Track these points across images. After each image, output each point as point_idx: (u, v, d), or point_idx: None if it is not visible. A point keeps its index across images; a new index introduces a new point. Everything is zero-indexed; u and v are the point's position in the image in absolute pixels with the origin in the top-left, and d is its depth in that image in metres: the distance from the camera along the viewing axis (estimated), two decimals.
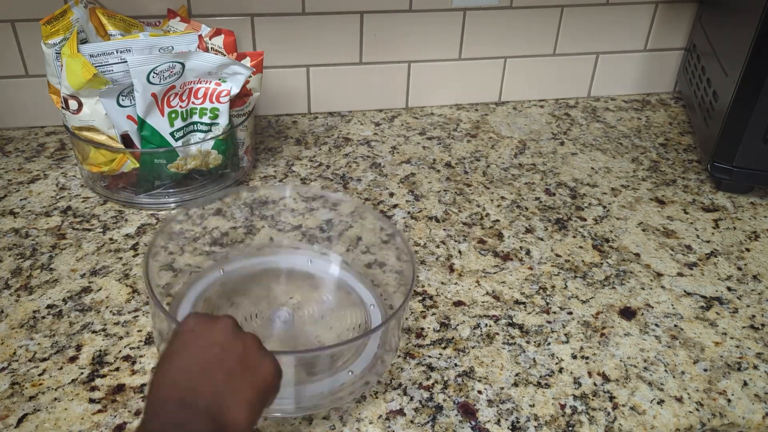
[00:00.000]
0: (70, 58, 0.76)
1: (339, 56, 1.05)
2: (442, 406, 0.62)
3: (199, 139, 0.84)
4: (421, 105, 1.12)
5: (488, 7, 1.05)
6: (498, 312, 0.72)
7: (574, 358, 0.67)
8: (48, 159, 0.95)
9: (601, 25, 1.10)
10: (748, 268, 0.80)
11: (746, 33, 0.85)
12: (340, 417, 0.60)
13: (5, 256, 0.78)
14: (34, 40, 0.94)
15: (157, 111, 0.80)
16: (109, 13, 0.86)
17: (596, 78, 1.16)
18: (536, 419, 0.61)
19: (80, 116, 0.80)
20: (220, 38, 0.85)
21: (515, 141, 1.04)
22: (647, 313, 0.73)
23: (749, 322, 0.73)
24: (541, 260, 0.80)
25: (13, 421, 0.59)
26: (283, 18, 0.99)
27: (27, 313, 0.70)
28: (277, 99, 1.07)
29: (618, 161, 1.00)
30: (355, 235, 0.76)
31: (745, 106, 0.86)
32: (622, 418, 0.62)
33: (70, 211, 0.85)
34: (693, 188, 0.94)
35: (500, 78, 1.12)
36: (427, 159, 0.99)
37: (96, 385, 0.63)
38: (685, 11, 1.11)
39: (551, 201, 0.91)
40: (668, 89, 1.20)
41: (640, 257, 0.81)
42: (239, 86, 0.82)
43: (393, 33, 1.04)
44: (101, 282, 0.74)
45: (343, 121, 1.08)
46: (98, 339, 0.67)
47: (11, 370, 0.64)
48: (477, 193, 0.92)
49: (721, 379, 0.66)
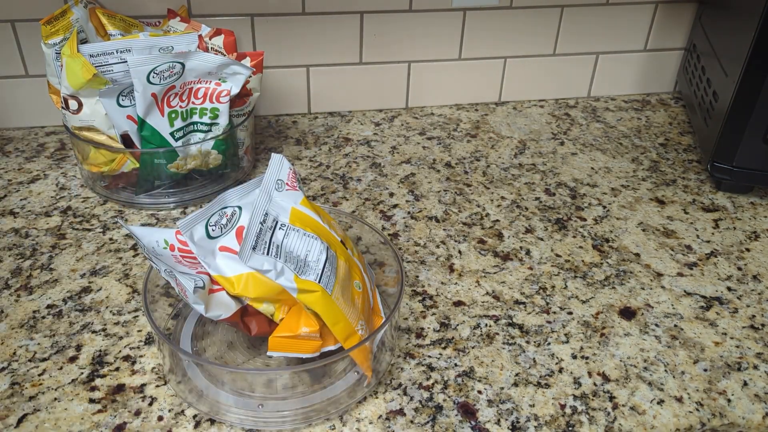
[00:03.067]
0: (70, 58, 0.76)
1: (339, 56, 1.05)
2: (442, 406, 0.62)
3: (199, 139, 0.84)
4: (421, 105, 1.12)
5: (488, 7, 1.05)
6: (498, 312, 0.72)
7: (574, 358, 0.67)
8: (48, 159, 0.95)
9: (601, 25, 1.10)
10: (748, 268, 0.80)
11: (746, 33, 0.85)
12: (340, 417, 0.60)
13: (5, 256, 0.78)
14: (34, 40, 0.94)
15: (157, 111, 0.80)
16: (109, 13, 0.86)
17: (596, 78, 1.16)
18: (536, 419, 0.61)
19: (80, 116, 0.80)
20: (220, 38, 0.85)
21: (515, 141, 1.04)
22: (647, 313, 0.73)
23: (749, 322, 0.73)
24: (541, 260, 0.80)
25: (13, 421, 0.59)
26: (283, 18, 0.99)
27: (27, 313, 0.70)
28: (277, 99, 1.07)
29: (618, 161, 1.00)
30: (354, 235, 0.76)
31: (745, 106, 0.86)
32: (622, 418, 0.62)
33: (70, 211, 0.85)
34: (693, 188, 0.94)
35: (500, 78, 1.12)
36: (427, 159, 0.99)
37: (96, 385, 0.63)
38: (685, 11, 1.11)
39: (551, 201, 0.91)
40: (668, 89, 1.20)
41: (640, 257, 0.81)
42: (239, 86, 0.82)
43: (393, 33, 1.04)
44: (101, 282, 0.74)
45: (343, 121, 1.08)
46: (98, 339, 0.68)
47: (11, 370, 0.64)
48: (477, 193, 0.92)
49: (721, 379, 0.66)
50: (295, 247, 0.57)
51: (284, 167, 0.62)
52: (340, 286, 0.58)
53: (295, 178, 0.63)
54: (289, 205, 0.61)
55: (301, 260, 0.57)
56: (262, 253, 0.56)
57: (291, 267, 0.56)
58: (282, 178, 0.61)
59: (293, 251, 0.57)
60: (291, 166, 0.64)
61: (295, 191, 0.62)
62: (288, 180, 0.62)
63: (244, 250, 0.55)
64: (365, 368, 0.60)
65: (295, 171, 0.63)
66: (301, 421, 0.59)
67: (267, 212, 0.59)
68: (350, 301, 0.58)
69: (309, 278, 0.56)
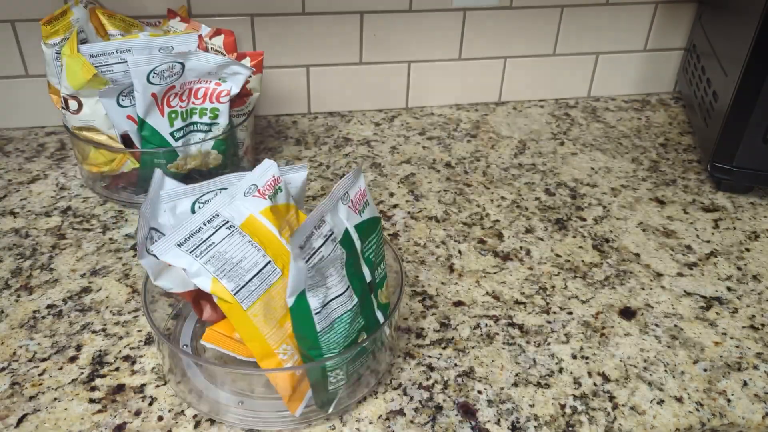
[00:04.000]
0: (70, 58, 0.76)
1: (339, 56, 1.05)
2: (442, 406, 0.62)
3: (199, 139, 0.84)
4: (421, 105, 1.13)
5: (488, 7, 1.05)
6: (498, 312, 0.72)
7: (574, 358, 0.67)
8: (48, 159, 0.95)
9: (601, 25, 1.10)
10: (748, 268, 0.80)
11: (746, 33, 0.85)
12: (340, 417, 0.60)
13: (5, 256, 0.78)
14: (34, 40, 0.94)
15: (157, 111, 0.80)
16: (109, 13, 0.86)
17: (596, 78, 1.16)
18: (536, 419, 0.61)
19: (80, 116, 0.80)
20: (220, 38, 0.85)
21: (515, 141, 1.04)
22: (647, 313, 0.73)
23: (749, 322, 0.73)
24: (541, 260, 0.80)
25: (13, 421, 0.59)
26: (283, 18, 0.99)
27: (27, 313, 0.70)
28: (277, 99, 1.07)
29: (618, 161, 1.00)
30: None
31: (745, 106, 0.86)
32: (622, 418, 0.62)
33: (70, 211, 0.85)
34: (693, 188, 0.94)
35: (500, 78, 1.12)
36: (427, 159, 0.99)
37: (96, 385, 0.63)
38: (685, 11, 1.11)
39: (551, 201, 0.91)
40: (668, 89, 1.20)
41: (640, 257, 0.81)
42: (239, 86, 0.82)
43: (393, 33, 1.04)
44: (101, 282, 0.74)
45: (343, 121, 1.08)
46: (98, 339, 0.68)
47: (11, 370, 0.64)
48: (477, 193, 0.92)
49: (721, 379, 0.66)
50: (231, 251, 0.55)
51: (267, 174, 0.59)
52: (264, 304, 0.55)
53: (272, 187, 0.59)
54: (249, 211, 0.58)
55: (230, 264, 0.55)
56: (187, 251, 0.54)
57: (213, 268, 0.54)
58: (258, 184, 0.58)
59: (227, 253, 0.55)
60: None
61: (263, 199, 0.58)
62: (262, 186, 0.59)
63: (164, 244, 0.54)
64: (286, 399, 0.57)
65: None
66: (300, 421, 0.59)
67: (218, 213, 0.57)
68: (276, 321, 0.56)
69: (227, 286, 0.53)
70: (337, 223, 0.57)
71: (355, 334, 0.58)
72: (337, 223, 0.56)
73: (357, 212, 0.59)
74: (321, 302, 0.55)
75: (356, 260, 0.58)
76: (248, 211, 0.58)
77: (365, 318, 0.59)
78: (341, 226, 0.57)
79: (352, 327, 0.57)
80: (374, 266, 0.60)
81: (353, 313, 0.57)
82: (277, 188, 0.59)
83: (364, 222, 0.59)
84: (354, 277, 0.57)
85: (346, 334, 0.56)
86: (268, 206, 0.58)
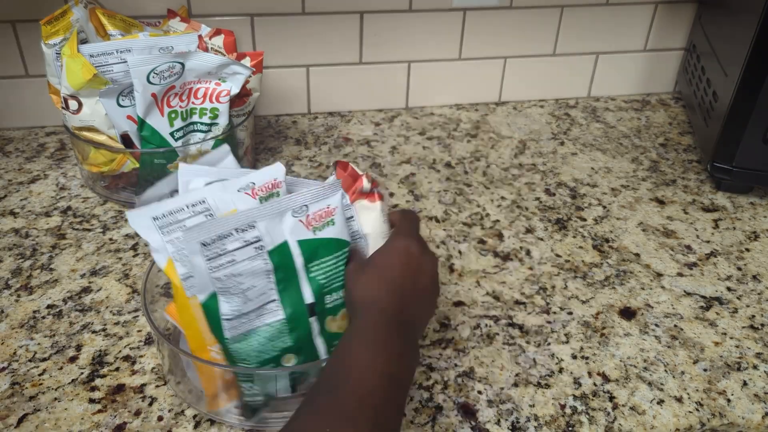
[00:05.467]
0: (70, 58, 0.76)
1: (339, 56, 1.05)
2: (442, 406, 0.62)
3: (199, 139, 0.84)
4: (421, 105, 1.13)
5: (488, 7, 1.05)
6: (498, 312, 0.72)
7: (574, 359, 0.67)
8: (48, 159, 0.95)
9: (601, 25, 1.10)
10: (747, 268, 0.80)
11: (746, 33, 0.85)
12: None
13: (5, 256, 0.78)
14: (34, 40, 0.94)
15: (156, 111, 0.80)
16: (109, 13, 0.86)
17: (596, 78, 1.16)
18: (536, 419, 0.61)
19: (80, 116, 0.80)
20: (220, 38, 0.85)
21: (515, 141, 1.04)
22: (647, 313, 0.73)
23: (749, 322, 0.73)
24: (541, 260, 0.80)
25: (13, 421, 0.59)
26: (283, 18, 0.99)
27: (27, 313, 0.70)
28: (277, 99, 1.07)
29: (618, 161, 1.00)
30: None
31: (745, 106, 0.86)
32: (622, 418, 0.62)
33: (70, 211, 0.85)
34: (693, 188, 0.94)
35: (500, 78, 1.12)
36: (427, 159, 0.99)
37: (96, 385, 0.63)
38: (685, 11, 1.11)
39: (551, 201, 0.91)
40: (668, 89, 1.20)
41: (640, 257, 0.81)
42: (239, 86, 0.82)
43: (393, 33, 1.04)
44: (101, 282, 0.74)
45: (343, 121, 1.08)
46: (98, 339, 0.68)
47: (11, 370, 0.64)
48: (477, 193, 0.92)
49: (720, 379, 0.66)
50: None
51: (268, 176, 0.58)
52: None
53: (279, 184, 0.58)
54: (234, 206, 0.56)
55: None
56: (159, 227, 0.54)
57: (173, 249, 0.53)
58: (256, 183, 0.57)
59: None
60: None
61: (252, 198, 0.57)
62: (258, 187, 0.57)
63: (142, 213, 0.54)
64: (207, 393, 0.58)
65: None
66: None
67: (204, 200, 0.55)
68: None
69: (178, 270, 0.53)
70: (274, 234, 0.53)
71: (277, 352, 0.55)
72: (272, 233, 0.53)
73: (310, 228, 0.55)
74: (235, 311, 0.53)
75: (292, 276, 0.55)
76: (233, 205, 0.56)
77: (295, 340, 0.55)
78: (279, 237, 0.54)
79: (273, 344, 0.54)
80: (321, 290, 0.56)
81: (275, 330, 0.54)
82: (273, 192, 0.58)
83: (316, 241, 0.55)
84: (285, 294, 0.54)
85: (260, 348, 0.54)
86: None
